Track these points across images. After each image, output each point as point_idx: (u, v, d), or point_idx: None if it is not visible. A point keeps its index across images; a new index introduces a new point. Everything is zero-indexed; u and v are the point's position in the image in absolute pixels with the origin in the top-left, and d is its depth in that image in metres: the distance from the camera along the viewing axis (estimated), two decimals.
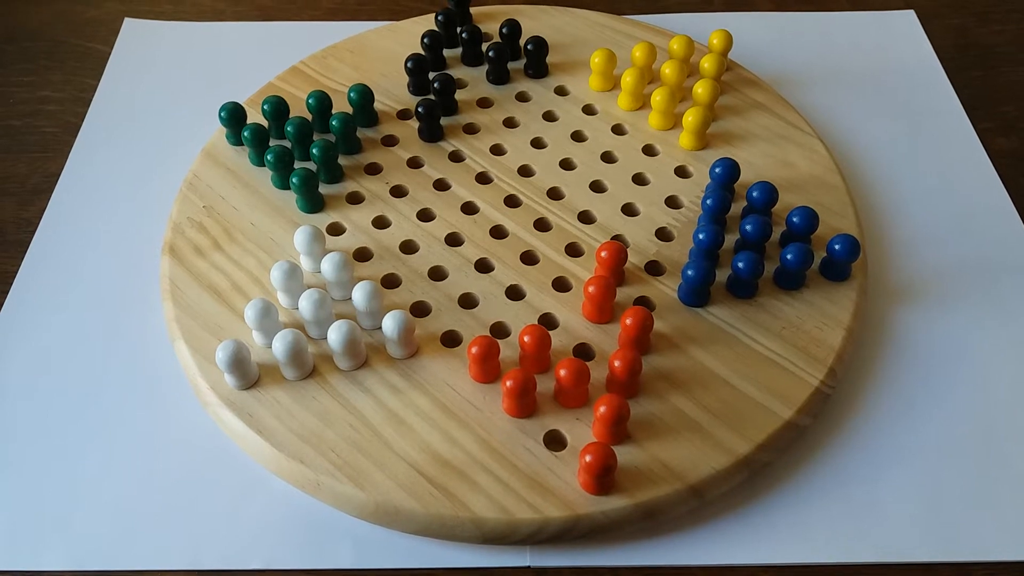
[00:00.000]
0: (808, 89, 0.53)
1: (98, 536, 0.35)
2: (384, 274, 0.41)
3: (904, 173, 0.49)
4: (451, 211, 0.44)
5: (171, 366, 0.39)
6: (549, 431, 0.35)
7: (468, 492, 0.34)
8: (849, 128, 0.51)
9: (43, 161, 0.49)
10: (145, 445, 0.37)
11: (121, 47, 0.56)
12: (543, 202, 0.44)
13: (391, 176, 0.45)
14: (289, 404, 0.36)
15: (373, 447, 0.35)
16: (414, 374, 0.37)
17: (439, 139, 0.47)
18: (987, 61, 0.56)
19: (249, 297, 0.40)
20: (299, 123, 0.44)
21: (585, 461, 0.32)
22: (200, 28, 0.58)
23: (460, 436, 0.35)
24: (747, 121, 0.49)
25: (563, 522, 0.33)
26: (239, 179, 0.45)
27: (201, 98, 0.52)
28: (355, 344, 0.36)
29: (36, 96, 0.53)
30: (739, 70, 0.52)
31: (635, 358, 0.35)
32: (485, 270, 0.41)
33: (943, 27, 0.58)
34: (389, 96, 0.49)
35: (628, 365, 0.35)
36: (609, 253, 0.39)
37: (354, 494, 0.34)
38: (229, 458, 0.36)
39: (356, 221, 0.43)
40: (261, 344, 0.38)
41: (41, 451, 0.37)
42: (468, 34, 0.50)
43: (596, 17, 0.55)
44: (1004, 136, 0.51)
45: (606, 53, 0.49)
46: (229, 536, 0.35)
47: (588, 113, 0.49)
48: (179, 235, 0.42)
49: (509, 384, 0.34)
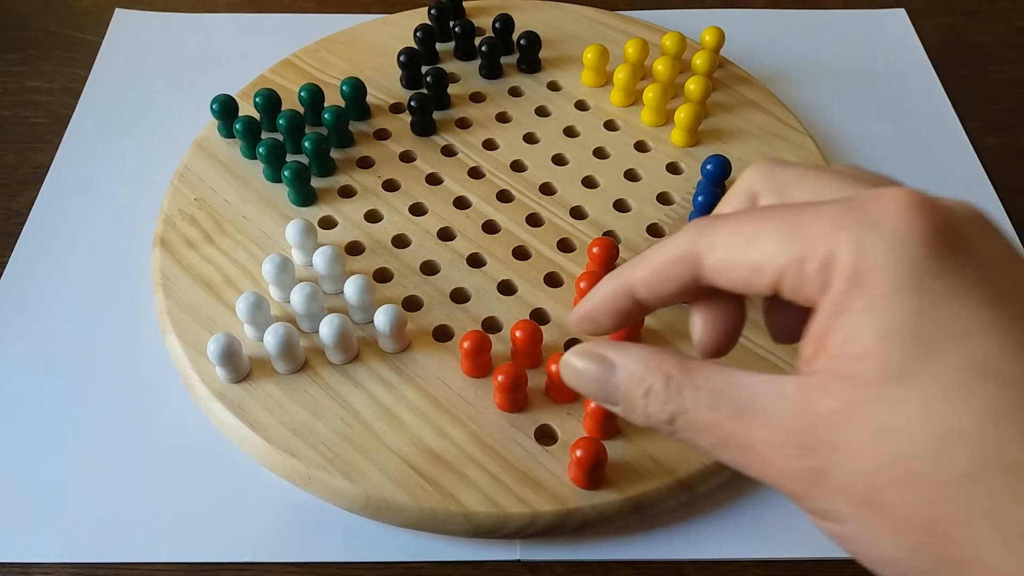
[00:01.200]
0: (799, 86, 0.53)
1: (89, 529, 0.35)
2: (376, 268, 0.41)
3: (893, 171, 0.48)
4: (443, 206, 0.44)
5: (162, 359, 0.39)
6: (540, 426, 0.36)
7: (459, 486, 0.34)
8: (839, 125, 0.51)
9: (32, 152, 0.49)
10: (135, 438, 0.37)
11: (112, 38, 0.56)
12: (535, 197, 0.44)
13: (383, 170, 0.45)
14: (280, 397, 0.36)
15: (364, 441, 0.35)
16: (406, 368, 0.37)
17: (432, 133, 0.47)
18: (976, 60, 0.56)
19: (240, 290, 0.39)
20: (291, 116, 0.44)
21: (576, 456, 0.33)
22: (192, 19, 0.57)
23: (451, 430, 0.35)
24: (739, 118, 0.49)
25: (553, 516, 0.33)
26: (231, 171, 0.45)
27: (193, 90, 0.51)
28: (347, 338, 0.36)
29: (25, 86, 0.53)
30: (731, 67, 0.52)
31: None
32: (477, 265, 0.41)
33: (933, 26, 0.58)
34: (381, 89, 0.49)
35: None
36: (601, 249, 0.39)
37: (345, 487, 0.34)
38: (220, 451, 0.36)
39: (348, 215, 0.43)
40: (252, 337, 0.38)
41: (31, 444, 0.37)
42: (461, 28, 0.50)
43: (589, 12, 0.55)
44: (993, 135, 0.51)
45: (599, 49, 0.49)
46: (220, 529, 0.35)
47: (580, 109, 0.49)
48: (170, 227, 0.42)
49: (500, 379, 0.34)
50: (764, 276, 0.22)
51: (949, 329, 0.19)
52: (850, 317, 0.20)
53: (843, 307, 0.20)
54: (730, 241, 0.22)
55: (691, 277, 0.23)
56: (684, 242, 0.23)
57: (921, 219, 0.20)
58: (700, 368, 0.23)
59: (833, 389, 0.20)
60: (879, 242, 0.20)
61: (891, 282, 0.20)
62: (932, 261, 0.20)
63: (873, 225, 0.20)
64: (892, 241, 0.20)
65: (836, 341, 0.21)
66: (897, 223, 0.20)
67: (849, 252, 0.20)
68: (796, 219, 0.21)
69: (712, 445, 0.22)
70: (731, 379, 0.22)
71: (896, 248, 0.20)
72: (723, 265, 0.22)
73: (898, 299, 0.20)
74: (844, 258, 0.20)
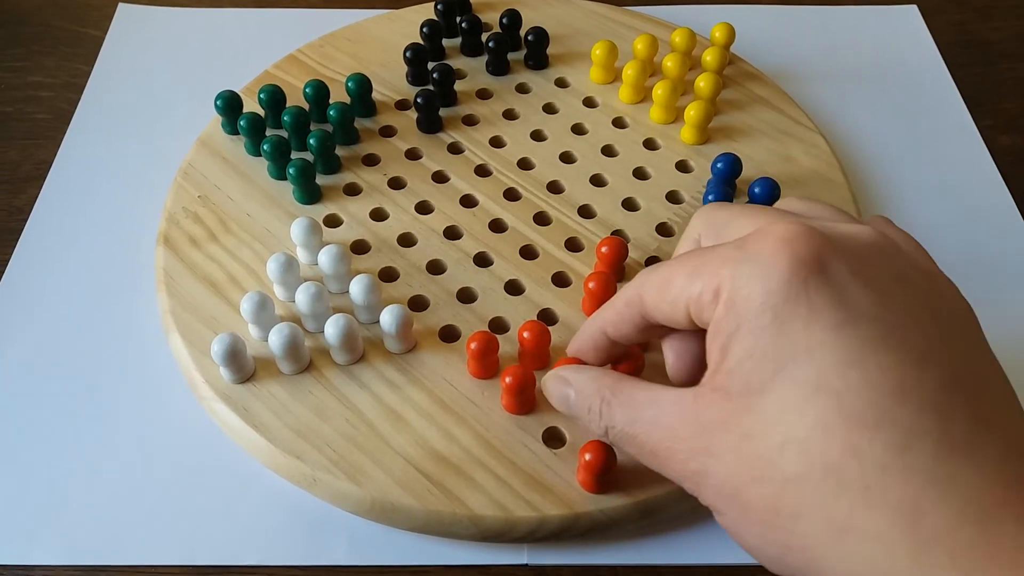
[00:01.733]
0: (810, 83, 0.53)
1: (90, 531, 0.34)
2: (382, 267, 0.40)
3: (906, 169, 0.48)
4: (450, 204, 0.43)
5: (165, 359, 0.39)
6: (548, 428, 0.35)
7: (466, 489, 0.33)
8: (851, 123, 0.51)
9: (35, 148, 0.49)
10: (138, 438, 0.37)
11: (115, 33, 0.55)
12: (543, 196, 0.44)
13: (389, 167, 0.45)
14: (285, 398, 0.36)
15: (370, 443, 0.34)
16: (412, 369, 0.37)
17: (438, 130, 0.47)
18: (989, 57, 0.56)
19: (245, 289, 0.39)
20: (296, 113, 0.44)
21: (585, 459, 0.32)
22: (196, 14, 0.57)
23: (458, 432, 0.35)
24: (749, 116, 0.48)
25: (561, 520, 0.33)
26: (235, 169, 0.44)
27: (196, 85, 0.51)
28: (352, 338, 0.36)
29: (27, 82, 0.52)
30: (741, 64, 0.51)
31: (636, 354, 0.35)
32: (484, 264, 0.41)
33: (945, 22, 0.57)
34: (387, 86, 0.49)
35: (630, 361, 0.34)
36: (610, 248, 0.39)
37: (350, 490, 0.33)
38: (224, 452, 0.36)
39: (354, 213, 0.43)
40: (257, 337, 0.37)
41: (32, 445, 0.37)
42: (468, 24, 0.50)
43: (597, 8, 0.54)
44: (1006, 133, 0.51)
45: (607, 45, 0.48)
46: (223, 531, 0.34)
47: (589, 106, 0.49)
48: (174, 225, 0.42)
49: (508, 380, 0.34)
50: (679, 310, 0.26)
51: (797, 348, 0.23)
52: (725, 338, 0.24)
53: (719, 329, 0.24)
54: (657, 283, 0.27)
55: (640, 316, 0.28)
56: (633, 287, 0.28)
57: (785, 251, 0.23)
58: (627, 388, 0.27)
59: (714, 400, 0.24)
60: (748, 273, 0.24)
61: (755, 308, 0.23)
62: (790, 288, 0.23)
63: (748, 259, 0.24)
64: (758, 272, 0.23)
65: (716, 358, 0.24)
66: (765, 255, 0.24)
67: (728, 283, 0.24)
68: (699, 259, 0.25)
69: (635, 452, 0.27)
70: (649, 395, 0.27)
71: (760, 278, 0.23)
72: (653, 303, 0.27)
73: (759, 321, 0.23)
74: (724, 288, 0.24)
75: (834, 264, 0.23)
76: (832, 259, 0.23)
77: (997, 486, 0.21)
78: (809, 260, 0.23)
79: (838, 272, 0.23)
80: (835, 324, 0.22)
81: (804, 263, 0.23)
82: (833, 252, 0.24)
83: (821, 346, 0.22)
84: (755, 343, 0.23)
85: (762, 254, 0.24)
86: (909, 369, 0.22)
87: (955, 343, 0.24)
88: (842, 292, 0.23)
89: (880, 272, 0.24)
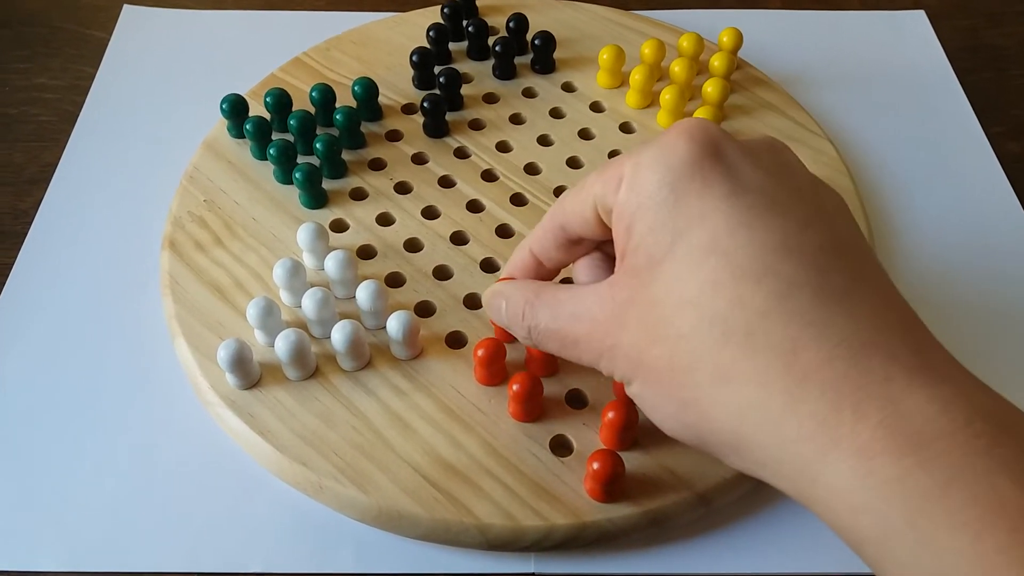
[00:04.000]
0: (817, 89, 0.52)
1: (95, 537, 0.34)
2: (388, 272, 0.40)
3: (914, 175, 0.48)
4: (456, 209, 0.43)
5: (170, 364, 0.38)
6: (555, 436, 0.35)
7: (473, 497, 0.33)
8: (858, 128, 0.50)
9: (39, 150, 0.48)
10: (143, 444, 0.36)
11: (120, 34, 0.55)
12: (550, 201, 0.44)
13: (395, 172, 0.45)
14: (291, 405, 0.35)
15: (376, 450, 0.34)
16: (418, 376, 0.37)
17: (444, 135, 0.46)
18: (998, 64, 0.55)
19: (251, 294, 0.39)
20: (302, 117, 0.43)
21: (592, 468, 0.32)
22: (201, 16, 0.57)
23: (465, 440, 0.35)
24: (756, 121, 0.48)
25: (569, 529, 0.33)
26: (241, 173, 0.44)
27: (202, 88, 0.51)
28: (359, 344, 0.36)
29: (32, 83, 0.52)
30: (748, 69, 0.51)
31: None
32: (491, 270, 0.41)
33: (953, 28, 0.57)
34: (394, 90, 0.49)
35: None
36: None
37: (357, 497, 0.33)
38: (229, 459, 0.36)
39: (360, 218, 0.42)
40: (263, 343, 0.37)
41: (37, 449, 0.36)
42: (474, 28, 0.50)
43: (604, 12, 0.54)
44: (1015, 140, 0.50)
45: (615, 49, 0.48)
46: (228, 538, 0.34)
47: (596, 110, 0.48)
48: (179, 229, 0.42)
49: (515, 388, 0.34)
50: (588, 206, 0.28)
51: (691, 217, 0.25)
52: (629, 218, 0.26)
53: (624, 211, 0.26)
54: (574, 191, 0.30)
55: (560, 227, 0.31)
56: (554, 206, 0.31)
57: (683, 136, 0.26)
58: (550, 290, 0.30)
59: (624, 281, 0.27)
60: (649, 157, 0.26)
61: (654, 186, 0.26)
62: (687, 167, 0.25)
63: (649, 147, 0.27)
64: (658, 154, 0.26)
65: (622, 241, 0.27)
66: (667, 142, 0.26)
67: (630, 170, 0.27)
68: (610, 162, 0.28)
69: (557, 348, 0.30)
70: (570, 293, 0.29)
71: (660, 159, 0.26)
72: (570, 208, 0.30)
73: (658, 196, 0.25)
74: (627, 174, 0.27)
75: (728, 148, 0.26)
76: (726, 144, 0.26)
77: (868, 330, 0.23)
78: (705, 143, 0.26)
79: (731, 154, 0.26)
80: (726, 193, 0.25)
81: (700, 145, 0.26)
82: (727, 139, 0.26)
83: (714, 211, 0.25)
84: (655, 217, 0.25)
85: (662, 141, 0.26)
86: (792, 231, 0.24)
87: (835, 220, 0.26)
88: (733, 168, 0.25)
89: (769, 161, 0.26)
